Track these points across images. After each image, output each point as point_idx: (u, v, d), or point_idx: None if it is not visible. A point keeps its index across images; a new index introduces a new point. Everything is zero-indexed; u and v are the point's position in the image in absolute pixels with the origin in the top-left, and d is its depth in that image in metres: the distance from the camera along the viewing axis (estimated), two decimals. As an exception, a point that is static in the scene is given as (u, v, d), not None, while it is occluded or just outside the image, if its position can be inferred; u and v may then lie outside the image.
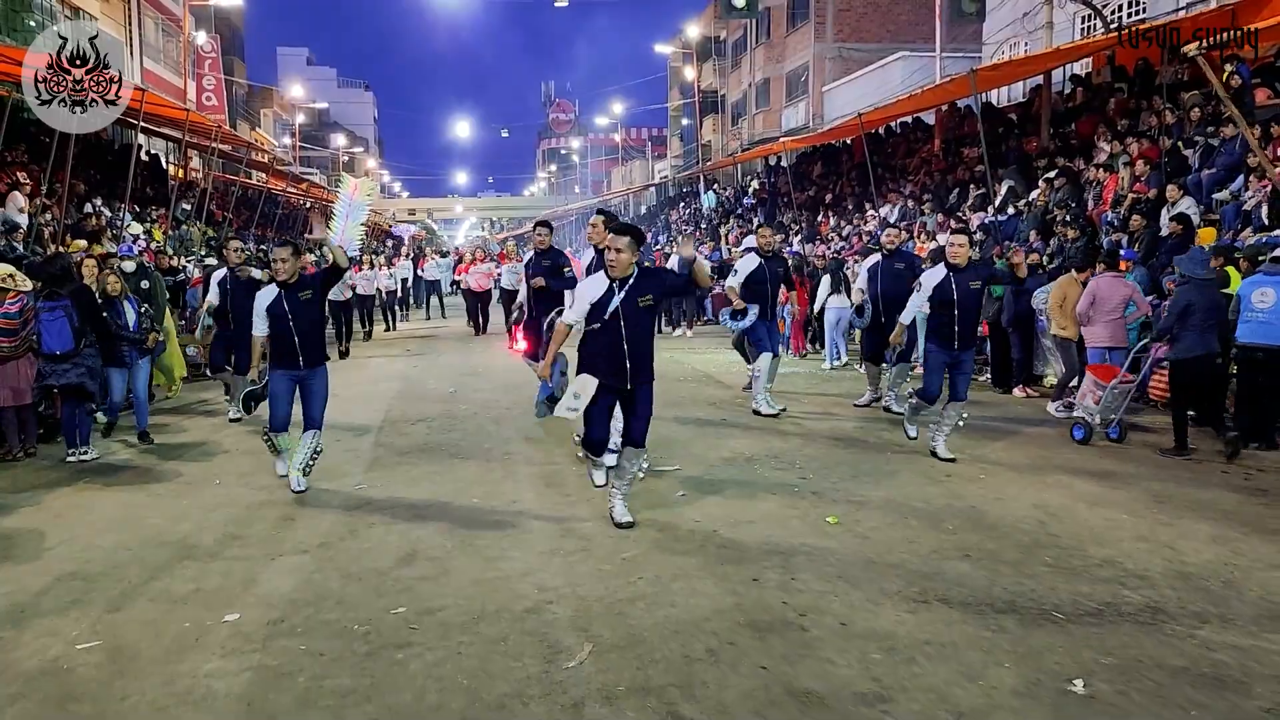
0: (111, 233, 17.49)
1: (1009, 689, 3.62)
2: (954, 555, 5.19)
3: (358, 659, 4.02)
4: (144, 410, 8.64)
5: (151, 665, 4.01)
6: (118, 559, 5.38)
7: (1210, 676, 3.73)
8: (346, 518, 6.11)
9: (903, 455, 7.73)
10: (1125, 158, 14.58)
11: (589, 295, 5.44)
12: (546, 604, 4.56)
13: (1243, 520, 5.88)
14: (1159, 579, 4.83)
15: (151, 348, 8.67)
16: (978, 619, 4.30)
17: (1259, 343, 7.86)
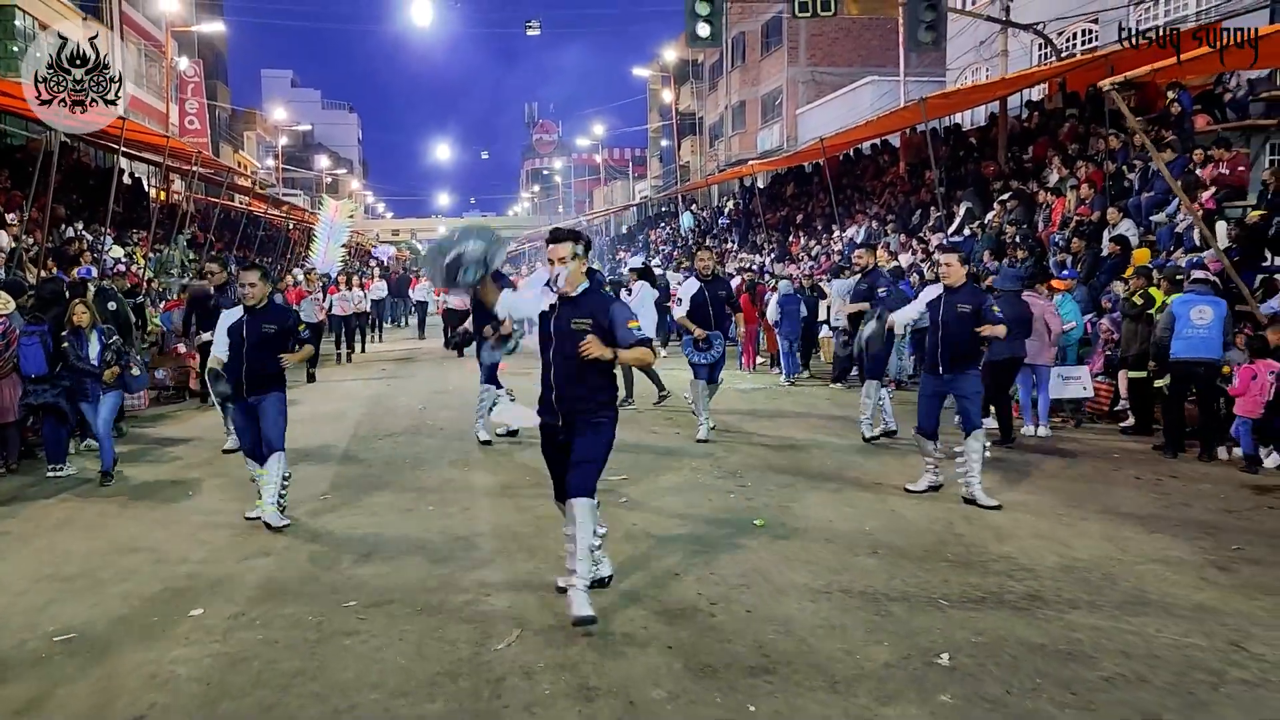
0: (93, 256, 17.88)
1: (881, 662, 4.09)
2: (864, 552, 5.68)
3: (309, 645, 4.45)
4: (106, 448, 8.03)
5: (122, 654, 4.43)
6: (91, 563, 5.79)
7: (1064, 652, 4.21)
8: (310, 522, 6.56)
9: (839, 465, 8.22)
10: (1073, 181, 15.21)
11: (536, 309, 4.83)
12: (485, 597, 5.01)
13: (1138, 520, 6.39)
14: (1045, 572, 5.32)
15: (109, 381, 7.97)
16: (871, 605, 4.78)
17: (1199, 357, 8.45)
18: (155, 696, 3.98)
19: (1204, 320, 8.50)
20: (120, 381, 8.15)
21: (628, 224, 49.82)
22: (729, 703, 3.75)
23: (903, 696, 3.79)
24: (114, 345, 8.08)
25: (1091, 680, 3.93)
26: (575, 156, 79.84)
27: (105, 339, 8.04)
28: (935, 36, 18.03)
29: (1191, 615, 4.66)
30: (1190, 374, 8.56)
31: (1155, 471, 8.02)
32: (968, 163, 19.95)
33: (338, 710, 3.79)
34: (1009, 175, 17.72)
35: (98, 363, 7.95)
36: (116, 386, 8.14)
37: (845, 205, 23.15)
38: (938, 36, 18.20)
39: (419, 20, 25.26)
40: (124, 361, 8.18)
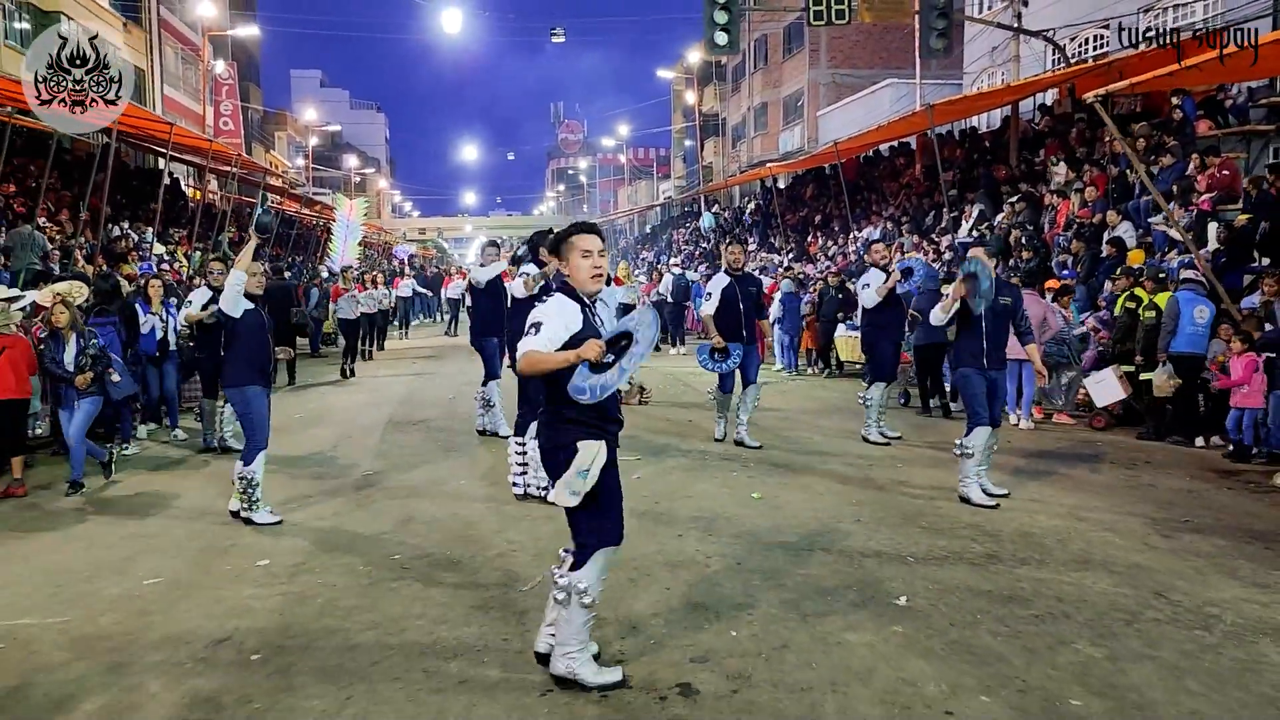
0: (138, 254, 18.86)
1: (848, 601, 4.82)
2: (848, 520, 6.39)
3: (362, 587, 5.23)
4: (77, 458, 7.64)
5: (201, 593, 5.23)
6: (166, 525, 6.62)
7: (1006, 596, 4.91)
8: (356, 495, 7.36)
9: (837, 450, 8.92)
10: (1078, 184, 15.79)
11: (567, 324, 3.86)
12: (512, 551, 5.78)
13: (1103, 497, 7.06)
14: (1006, 537, 6.01)
15: (82, 388, 7.59)
16: (845, 561, 5.50)
17: (1197, 352, 9.20)
18: (237, 623, 4.77)
19: (1203, 319, 9.25)
20: (99, 388, 7.82)
21: (651, 224, 50.55)
22: (715, 628, 4.49)
23: (862, 627, 4.50)
24: (91, 350, 7.74)
25: (1024, 617, 4.63)
26: (600, 156, 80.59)
27: (84, 343, 7.73)
28: (947, 44, 18.62)
29: (1126, 572, 5.34)
30: (1191, 367, 9.20)
31: (1132, 457, 8.67)
32: (980, 165, 20.54)
33: (390, 633, 4.56)
34: (1019, 178, 18.30)
35: (73, 367, 7.59)
36: (94, 393, 7.76)
37: (863, 206, 23.82)
38: (949, 44, 18.81)
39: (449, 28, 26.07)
40: (100, 368, 7.78)
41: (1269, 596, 4.96)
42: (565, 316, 3.87)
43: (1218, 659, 4.16)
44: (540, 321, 3.85)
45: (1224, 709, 3.70)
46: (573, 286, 3.98)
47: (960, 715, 3.63)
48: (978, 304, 6.80)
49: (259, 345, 6.66)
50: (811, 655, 4.19)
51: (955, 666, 4.07)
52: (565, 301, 3.93)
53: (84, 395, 7.67)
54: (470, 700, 3.84)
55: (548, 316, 3.86)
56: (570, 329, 3.84)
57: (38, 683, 4.12)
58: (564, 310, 3.89)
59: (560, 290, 3.99)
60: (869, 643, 4.32)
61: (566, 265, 4.02)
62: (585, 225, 4.15)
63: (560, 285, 4.03)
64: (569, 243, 4.02)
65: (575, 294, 3.97)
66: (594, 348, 3.65)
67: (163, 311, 10.00)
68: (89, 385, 7.64)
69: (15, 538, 6.43)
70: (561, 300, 3.94)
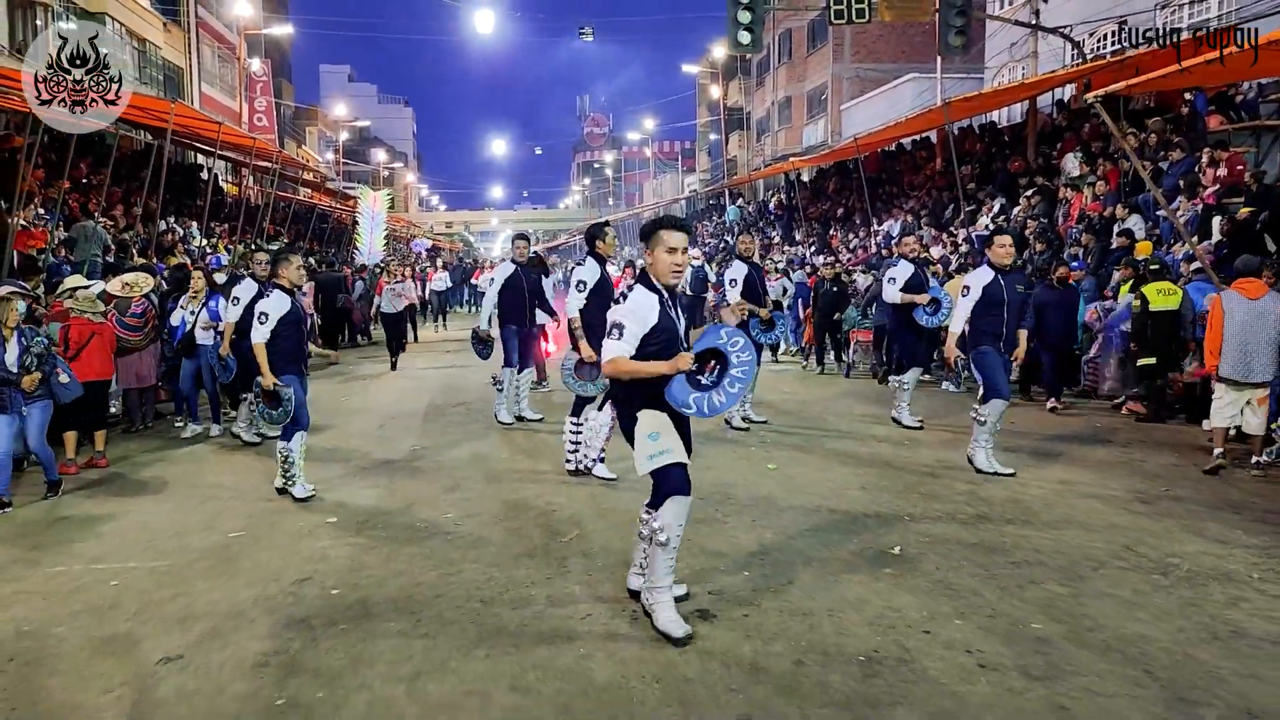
0: (183, 247, 19.74)
1: (848, 550, 5.48)
2: (854, 487, 7.04)
3: (421, 539, 5.95)
4: (47, 463, 7.40)
5: (280, 544, 5.96)
6: (241, 491, 7.38)
7: (989, 548, 5.55)
8: (406, 467, 8.10)
9: (847, 429, 9.55)
10: (1091, 178, 16.28)
11: (645, 319, 4.18)
12: (551, 511, 6.48)
13: (1094, 470, 7.66)
14: (997, 502, 6.64)
15: (29, 390, 7.03)
16: (848, 520, 6.16)
17: None
18: (315, 567, 5.49)
19: None
20: (47, 390, 7.32)
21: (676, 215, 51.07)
22: (731, 571, 5.17)
23: (859, 569, 5.17)
24: (36, 349, 7.15)
25: (1003, 564, 5.27)
26: (625, 150, 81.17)
27: (26, 342, 7.10)
28: (965, 42, 19.13)
29: (1102, 530, 5.96)
30: None
31: (1130, 438, 9.22)
32: (999, 160, 21.01)
33: (449, 574, 5.27)
34: (1035, 171, 18.78)
35: (15, 369, 6.97)
36: (42, 395, 7.26)
37: (884, 200, 24.34)
38: (968, 42, 19.31)
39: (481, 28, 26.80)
40: (47, 368, 7.25)
41: (1226, 550, 5.56)
42: (642, 311, 4.14)
43: (1168, 597, 4.78)
44: (621, 323, 4.13)
45: (1164, 632, 4.33)
46: (652, 278, 4.27)
47: (935, 633, 4.29)
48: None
49: (297, 338, 7.04)
50: (813, 590, 4.86)
51: (936, 599, 4.72)
52: (643, 295, 4.19)
53: (32, 400, 7.15)
54: (522, 620, 4.55)
55: (627, 317, 4.13)
56: (648, 323, 4.13)
57: (152, 612, 4.86)
58: (641, 305, 4.15)
59: (640, 282, 4.29)
60: (863, 581, 4.98)
61: (650, 256, 4.29)
62: (674, 221, 4.36)
63: (640, 277, 4.33)
64: (657, 235, 4.26)
65: (654, 285, 4.25)
66: (686, 359, 4.03)
67: (198, 305, 9.68)
68: (36, 387, 7.10)
69: (105, 501, 7.21)
70: (639, 295, 4.19)
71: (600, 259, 7.61)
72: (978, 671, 3.92)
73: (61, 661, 4.27)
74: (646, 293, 4.23)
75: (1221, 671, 3.92)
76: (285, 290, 6.98)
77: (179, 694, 3.91)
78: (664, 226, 4.28)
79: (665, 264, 4.25)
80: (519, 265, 9.68)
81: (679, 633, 4.22)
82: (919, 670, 3.93)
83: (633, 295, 4.24)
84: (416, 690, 3.86)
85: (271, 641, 4.40)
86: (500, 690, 3.84)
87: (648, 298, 4.20)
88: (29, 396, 7.12)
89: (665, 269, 4.25)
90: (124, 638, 4.53)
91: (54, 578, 5.43)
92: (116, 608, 4.92)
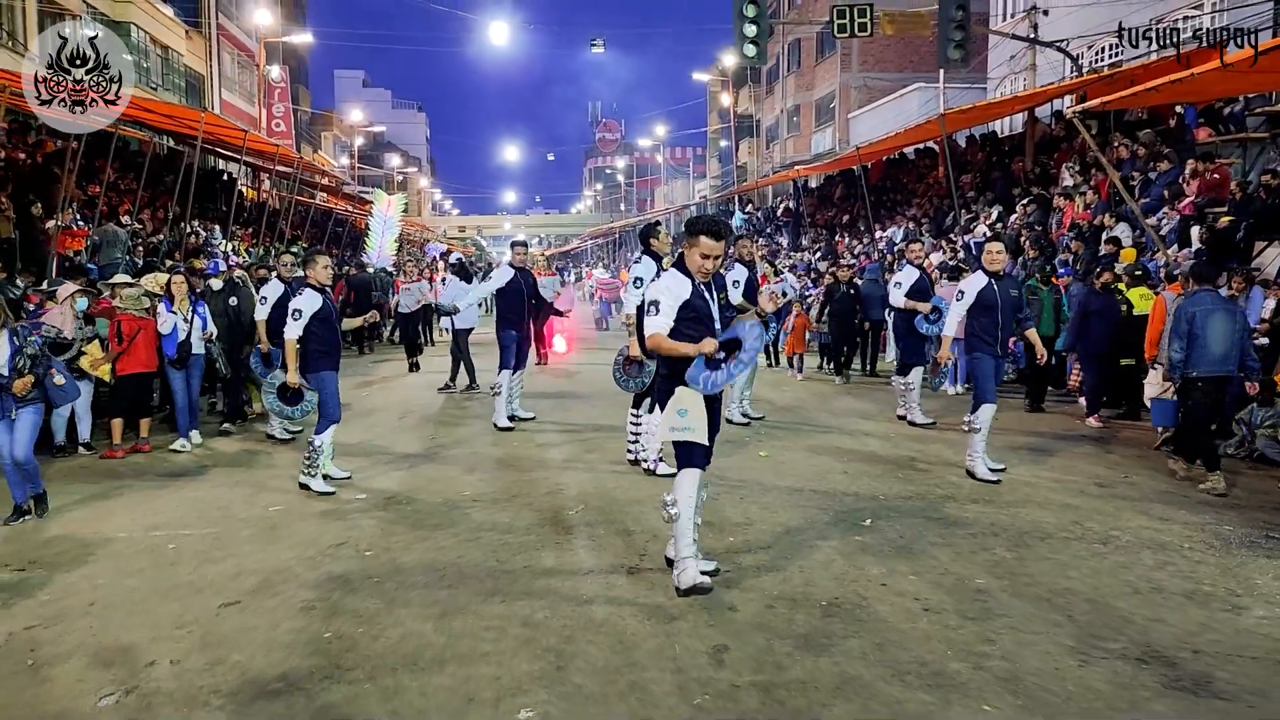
0: (208, 250, 20.50)
1: (823, 522, 6.15)
2: (836, 473, 7.69)
3: (442, 512, 6.63)
4: (32, 475, 6.81)
5: (315, 517, 6.64)
6: (278, 475, 8.08)
7: (950, 521, 6.20)
8: (425, 452, 8.80)
9: (836, 424, 10.19)
10: (1084, 188, 16.89)
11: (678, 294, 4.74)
12: (560, 489, 7.17)
13: (1065, 460, 8.28)
14: (967, 486, 7.28)
15: (21, 394, 6.57)
16: (827, 498, 6.81)
17: None
18: (348, 534, 6.17)
19: None
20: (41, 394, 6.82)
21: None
22: (716, 537, 5.83)
23: (831, 537, 5.83)
24: (29, 349, 6.70)
25: (960, 534, 5.92)
26: (637, 156, 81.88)
27: (19, 342, 6.64)
28: (965, 55, 19.77)
29: (1056, 509, 6.60)
30: None
31: (1103, 434, 9.83)
32: (998, 169, 21.63)
33: (469, 539, 5.94)
34: (1032, 181, 19.40)
35: (7, 371, 6.56)
36: (35, 399, 6.78)
37: (888, 207, 24.99)
38: (967, 55, 19.94)
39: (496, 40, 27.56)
40: (40, 371, 6.76)
41: (1165, 525, 6.20)
42: (676, 287, 4.72)
43: (1103, 561, 5.42)
44: (657, 299, 4.70)
45: (1091, 587, 4.97)
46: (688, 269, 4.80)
47: (891, 585, 4.95)
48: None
49: (330, 335, 7.42)
50: (788, 552, 5.52)
51: (895, 561, 5.38)
52: (677, 275, 4.79)
53: (24, 404, 6.68)
54: (532, 576, 5.22)
55: (662, 293, 4.71)
56: (680, 297, 4.69)
57: (209, 569, 5.54)
58: (675, 282, 4.74)
59: (675, 267, 4.87)
60: (834, 546, 5.64)
61: (688, 249, 4.81)
62: (711, 228, 4.79)
63: (676, 262, 4.90)
64: (697, 238, 4.76)
65: (687, 270, 4.80)
66: (710, 344, 4.51)
67: (188, 311, 9.24)
68: (29, 390, 6.66)
69: (152, 480, 7.91)
70: (672, 274, 4.82)
71: (656, 256, 7.85)
72: (921, 614, 4.57)
73: (135, 606, 4.96)
74: (678, 274, 4.80)
75: (1134, 617, 4.56)
76: (316, 289, 7.38)
77: (241, 629, 4.59)
78: (704, 232, 4.75)
79: (696, 264, 4.78)
80: (517, 269, 10.04)
81: (695, 582, 4.71)
82: (872, 613, 4.59)
83: (666, 274, 4.88)
84: (443, 625, 4.53)
85: (315, 591, 5.08)
86: (514, 625, 4.51)
87: (678, 278, 4.78)
88: (21, 400, 6.62)
89: (696, 267, 4.79)
90: (187, 587, 5.22)
91: (116, 543, 6.12)
92: (177, 565, 5.61)
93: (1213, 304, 7.58)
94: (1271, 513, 6.62)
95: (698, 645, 4.25)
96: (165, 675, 4.09)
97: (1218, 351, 7.45)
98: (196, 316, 9.33)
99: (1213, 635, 4.37)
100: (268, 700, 3.82)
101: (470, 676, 3.98)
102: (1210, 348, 7.46)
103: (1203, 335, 7.45)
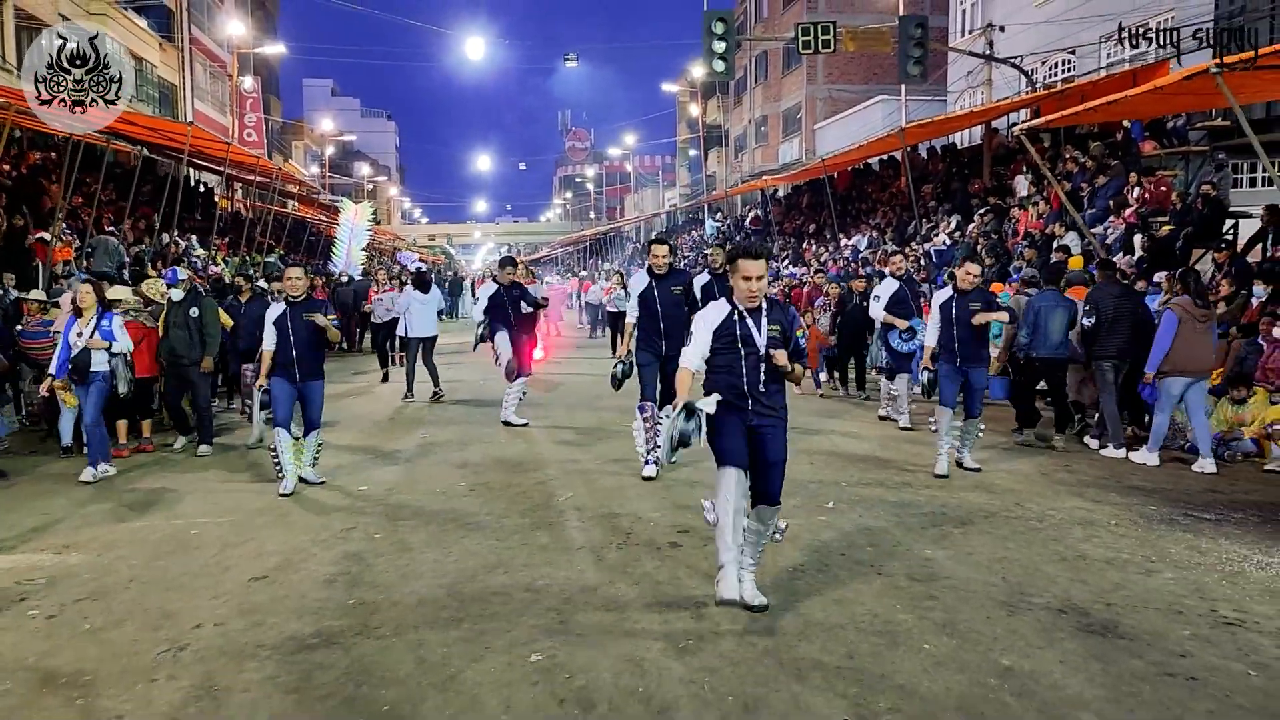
0: (187, 261, 20.85)
1: (790, 505, 6.67)
2: (803, 464, 8.34)
3: (444, 500, 7.21)
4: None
5: (324, 505, 7.19)
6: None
7: (906, 504, 6.88)
8: (419, 449, 9.36)
9: (821, 426, 10.86)
10: (1036, 198, 17.73)
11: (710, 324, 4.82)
12: (550, 479, 7.78)
13: (1022, 457, 8.99)
14: (924, 476, 7.94)
15: None
16: (794, 486, 7.41)
17: None
18: (356, 519, 6.73)
19: None
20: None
21: (657, 230, 52.58)
22: (694, 520, 6.44)
23: (796, 517, 6.45)
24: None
25: (913, 514, 6.60)
26: (606, 164, 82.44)
27: None
28: (923, 70, 20.61)
29: (1002, 493, 7.30)
30: None
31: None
32: (957, 179, 22.50)
33: (467, 523, 6.53)
34: (990, 191, 20.26)
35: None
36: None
37: (854, 216, 25.82)
38: (925, 70, 20.79)
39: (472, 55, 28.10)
40: None
41: (1097, 506, 6.91)
42: (710, 316, 4.79)
43: (1035, 535, 6.11)
44: (693, 330, 4.87)
45: (1024, 556, 5.65)
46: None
47: (849, 555, 5.62)
48: None
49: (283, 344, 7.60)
50: (759, 531, 6.15)
51: (853, 535, 6.05)
52: (717, 304, 4.86)
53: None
54: (529, 552, 5.82)
55: (698, 322, 4.85)
56: (713, 324, 4.73)
57: (232, 550, 6.08)
58: (712, 310, 4.82)
59: (723, 295, 4.98)
60: (800, 524, 6.28)
61: (733, 278, 4.77)
62: (751, 251, 4.75)
63: (724, 291, 5.03)
64: (736, 264, 4.73)
65: (732, 300, 4.78)
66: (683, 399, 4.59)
67: (87, 325, 8.29)
68: None
69: (161, 476, 8.41)
70: (712, 305, 4.91)
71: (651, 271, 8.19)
72: (876, 577, 5.23)
73: (171, 582, 5.49)
74: (719, 305, 4.86)
75: (1058, 579, 5.24)
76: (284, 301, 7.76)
77: (272, 599, 5.14)
78: (742, 256, 4.74)
79: (741, 290, 4.72)
80: (501, 285, 10.74)
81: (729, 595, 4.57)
82: (831, 575, 5.25)
83: (713, 302, 5.01)
84: (455, 591, 5.13)
85: (335, 566, 5.64)
86: (518, 591, 5.11)
87: (717, 306, 4.87)
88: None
89: (742, 294, 4.73)
90: (215, 566, 5.76)
91: (141, 530, 6.63)
92: (202, 548, 6.14)
93: (1054, 301, 9.35)
94: (1194, 495, 7.35)
95: (680, 598, 4.88)
96: (212, 635, 4.64)
97: (1055, 339, 9.20)
98: (98, 332, 8.26)
99: (1125, 592, 5.05)
100: (309, 652, 4.39)
101: (485, 630, 4.57)
102: (1050, 336, 9.20)
103: (1044, 326, 9.18)
